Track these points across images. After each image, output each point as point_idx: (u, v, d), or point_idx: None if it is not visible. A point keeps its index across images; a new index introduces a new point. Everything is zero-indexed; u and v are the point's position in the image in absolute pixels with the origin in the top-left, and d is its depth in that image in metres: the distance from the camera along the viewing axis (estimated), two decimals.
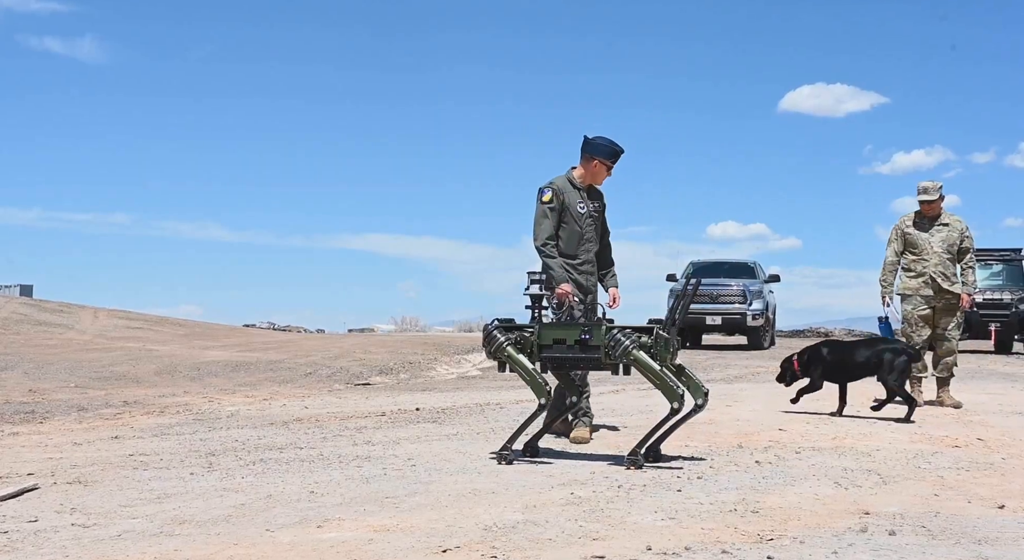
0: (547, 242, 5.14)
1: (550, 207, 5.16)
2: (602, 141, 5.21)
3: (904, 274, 6.79)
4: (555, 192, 5.17)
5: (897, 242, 6.83)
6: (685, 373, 4.32)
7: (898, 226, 6.86)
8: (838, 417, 6.04)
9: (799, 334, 22.73)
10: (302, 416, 6.39)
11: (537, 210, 5.18)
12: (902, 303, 6.80)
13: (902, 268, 6.81)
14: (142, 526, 3.15)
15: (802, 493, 3.62)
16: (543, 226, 5.15)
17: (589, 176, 5.25)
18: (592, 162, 5.21)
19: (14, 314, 17.30)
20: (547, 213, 5.15)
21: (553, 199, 5.16)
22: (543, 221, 5.15)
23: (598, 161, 5.20)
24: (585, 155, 5.24)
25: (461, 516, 3.23)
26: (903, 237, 6.81)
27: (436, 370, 11.04)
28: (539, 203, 5.18)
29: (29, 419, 6.31)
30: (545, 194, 5.17)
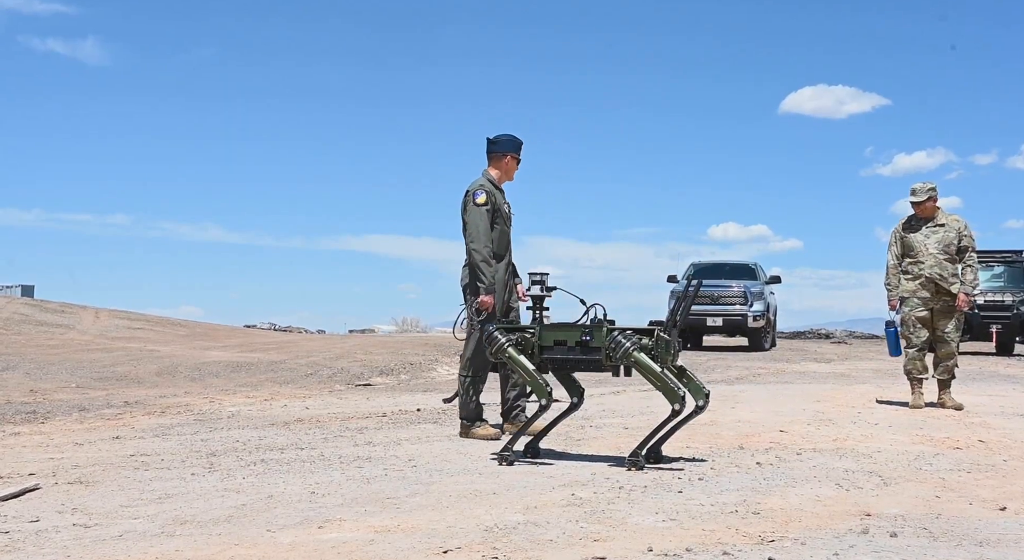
0: (489, 247, 5.09)
1: (486, 209, 5.12)
2: (507, 137, 5.30)
3: (903, 277, 6.80)
4: (489, 194, 5.16)
5: (896, 245, 6.84)
6: (686, 374, 4.32)
7: (895, 229, 6.89)
8: (839, 419, 6.03)
9: (800, 336, 22.73)
10: (303, 417, 6.39)
11: (474, 213, 5.09)
12: (901, 305, 6.80)
13: (902, 271, 6.82)
14: (143, 526, 3.16)
15: (803, 494, 3.61)
16: (481, 230, 5.07)
17: (504, 174, 5.31)
18: (504, 159, 5.29)
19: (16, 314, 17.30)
20: (484, 216, 5.10)
21: (488, 201, 5.14)
22: (481, 224, 5.08)
23: (510, 156, 5.30)
24: (497, 154, 5.29)
25: (462, 517, 3.23)
26: (900, 241, 6.82)
27: (437, 371, 11.04)
28: (474, 206, 5.10)
29: (31, 419, 6.31)
30: (479, 196, 5.11)
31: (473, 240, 5.08)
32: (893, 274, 6.83)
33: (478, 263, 5.06)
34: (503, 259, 5.25)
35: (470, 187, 5.21)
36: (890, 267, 6.84)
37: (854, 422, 5.87)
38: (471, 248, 5.09)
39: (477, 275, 5.06)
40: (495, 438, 5.10)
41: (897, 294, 6.80)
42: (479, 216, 5.09)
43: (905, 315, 6.77)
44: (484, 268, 5.06)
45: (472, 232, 5.10)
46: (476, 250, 5.07)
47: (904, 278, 6.78)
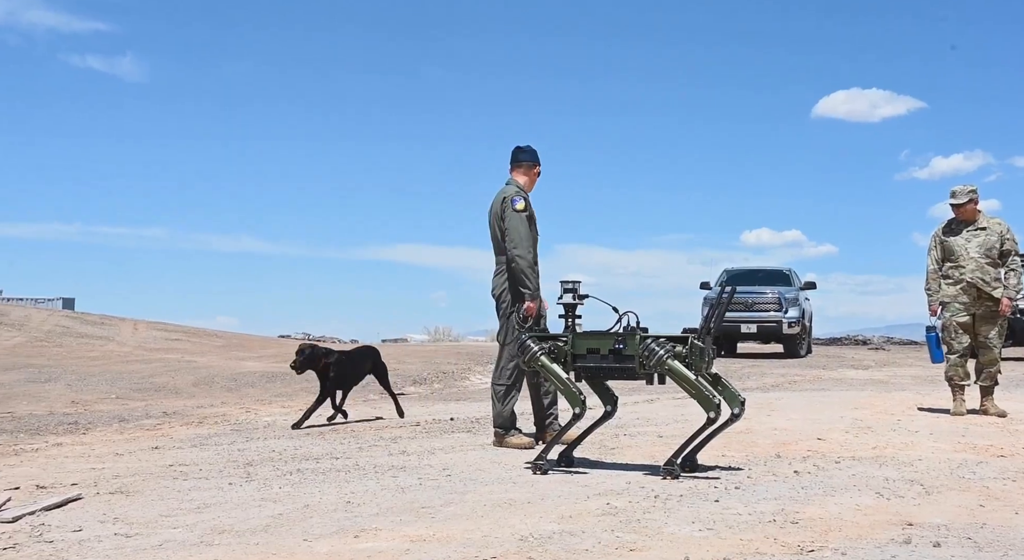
0: (532, 252, 5.13)
1: (528, 215, 5.16)
2: (531, 148, 5.41)
3: (944, 281, 6.69)
4: (527, 200, 5.20)
5: (936, 250, 6.73)
6: (721, 382, 4.28)
7: (935, 234, 6.78)
8: (878, 426, 5.94)
9: (836, 342, 22.44)
10: (337, 426, 6.43)
11: (514, 219, 5.10)
12: (942, 310, 6.69)
13: (943, 276, 6.71)
14: (182, 536, 3.19)
15: (842, 503, 3.56)
16: (523, 237, 5.08)
17: (531, 183, 5.38)
18: (534, 169, 5.38)
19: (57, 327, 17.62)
20: (526, 222, 5.13)
21: (527, 207, 5.18)
22: (523, 230, 5.09)
23: (538, 167, 5.39)
24: (526, 163, 5.37)
25: (497, 526, 3.23)
26: (940, 245, 6.72)
27: (469, 380, 11.05)
28: (514, 212, 5.12)
29: (72, 430, 6.41)
30: (518, 202, 5.14)
31: (516, 246, 5.07)
32: (933, 279, 6.72)
33: (524, 269, 5.06)
34: (536, 264, 5.25)
35: (505, 194, 5.22)
36: (930, 272, 6.74)
37: (894, 430, 5.78)
38: (515, 254, 5.07)
39: (522, 281, 5.06)
40: (529, 447, 5.09)
41: (938, 299, 6.68)
42: (520, 222, 5.09)
43: (946, 320, 6.66)
44: (530, 274, 5.07)
45: (515, 238, 5.08)
46: (521, 256, 5.06)
47: (945, 283, 6.67)
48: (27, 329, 16.95)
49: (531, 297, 5.05)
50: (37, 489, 4.09)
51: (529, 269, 5.07)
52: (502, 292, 5.23)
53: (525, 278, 5.06)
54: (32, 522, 3.41)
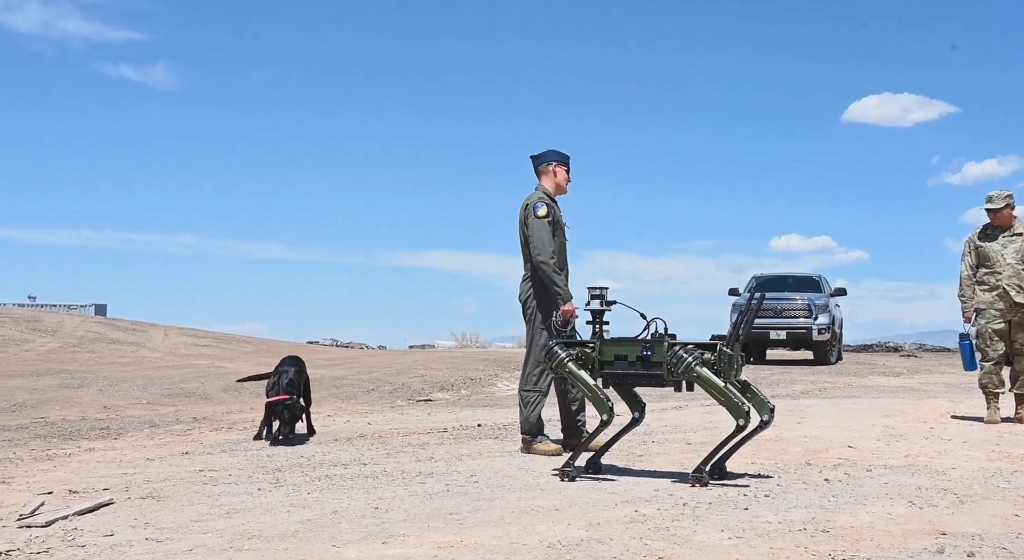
0: (554, 258, 5.11)
1: (549, 221, 5.16)
2: (552, 149, 5.36)
3: (978, 288, 6.59)
4: (549, 206, 5.20)
5: (970, 256, 6.64)
6: (750, 389, 4.25)
7: (970, 239, 6.68)
8: (910, 434, 5.86)
9: (867, 349, 22.18)
10: (365, 432, 6.45)
11: (536, 226, 5.12)
12: (977, 317, 6.59)
13: (977, 282, 6.61)
14: (212, 541, 3.22)
15: (874, 512, 3.52)
16: (546, 241, 5.10)
17: (559, 185, 5.34)
18: (550, 168, 5.32)
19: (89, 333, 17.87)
20: (546, 228, 5.13)
21: (549, 213, 5.18)
22: (544, 236, 5.11)
23: (556, 165, 5.33)
24: (543, 166, 5.34)
25: (525, 533, 3.22)
26: (975, 250, 6.62)
27: (497, 386, 11.06)
28: (535, 219, 5.13)
29: (104, 435, 6.49)
30: (540, 209, 5.15)
31: (540, 252, 5.09)
32: (967, 285, 6.63)
33: (550, 274, 5.08)
34: (563, 270, 5.25)
35: (528, 201, 5.23)
36: (964, 278, 6.64)
37: (926, 438, 5.70)
38: (539, 261, 5.09)
39: (551, 287, 5.08)
40: (556, 454, 5.08)
41: (972, 306, 6.59)
42: (542, 228, 5.11)
43: (981, 327, 6.56)
44: (557, 279, 5.08)
45: (537, 244, 5.10)
46: (544, 262, 5.08)
47: (979, 289, 6.58)
48: (60, 335, 17.21)
49: (564, 300, 5.06)
50: (70, 494, 4.15)
51: (555, 274, 5.08)
52: (528, 298, 5.24)
53: (554, 282, 5.07)
54: (65, 526, 3.46)
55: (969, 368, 6.76)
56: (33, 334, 17.03)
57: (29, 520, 3.52)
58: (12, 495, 4.13)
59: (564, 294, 5.07)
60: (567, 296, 5.07)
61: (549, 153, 5.37)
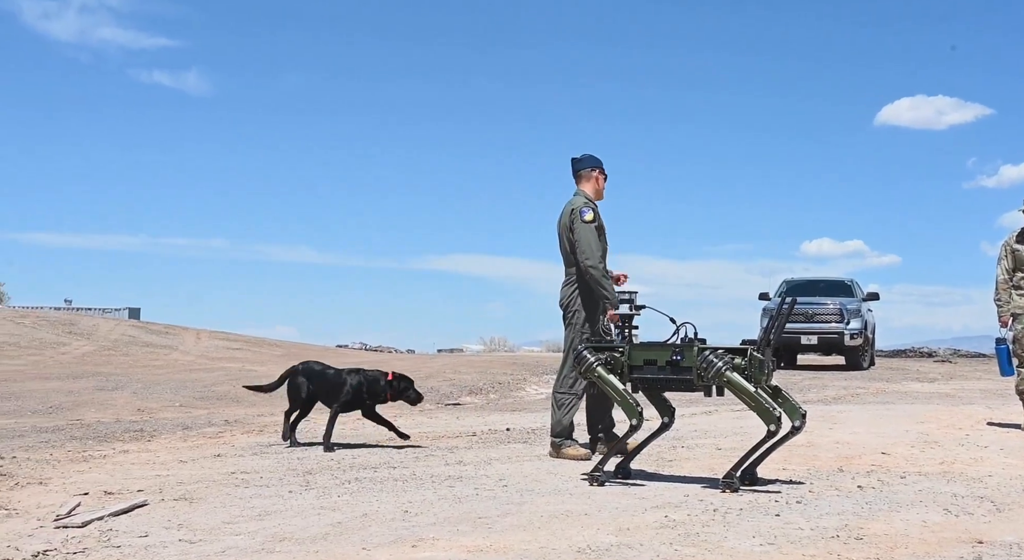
0: (604, 263, 5.15)
1: (596, 225, 5.19)
2: (586, 155, 5.38)
3: (1015, 292, 6.48)
4: (595, 211, 5.23)
5: (1007, 259, 6.54)
6: (781, 394, 4.21)
7: (1006, 243, 6.58)
8: (945, 441, 5.78)
9: (900, 354, 21.90)
10: (394, 436, 6.48)
11: (583, 230, 5.13)
12: (1014, 322, 6.48)
13: (1013, 286, 6.50)
14: (244, 543, 3.25)
15: (909, 520, 3.47)
16: (592, 246, 5.12)
17: (598, 191, 5.37)
18: (593, 174, 5.35)
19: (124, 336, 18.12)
20: (594, 232, 5.16)
21: (596, 218, 5.21)
22: (592, 241, 5.13)
23: (598, 171, 5.36)
24: (585, 171, 5.36)
25: (554, 538, 3.22)
26: (1012, 254, 6.52)
27: (525, 390, 11.05)
28: (582, 223, 5.15)
29: (138, 437, 6.58)
30: (587, 213, 5.18)
31: (588, 257, 5.10)
32: (1004, 289, 6.52)
33: (598, 279, 5.10)
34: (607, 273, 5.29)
35: (573, 206, 5.25)
36: (1000, 282, 6.54)
37: (962, 444, 5.61)
38: (587, 265, 5.10)
39: (598, 291, 5.10)
40: (585, 458, 5.06)
41: (1009, 310, 6.48)
42: (589, 232, 5.13)
43: (1018, 332, 6.45)
44: (605, 283, 5.11)
45: (585, 249, 5.11)
46: (593, 267, 5.10)
47: (1016, 293, 6.47)
48: (95, 338, 17.47)
49: (612, 305, 5.10)
50: (105, 495, 4.21)
51: (604, 278, 5.11)
52: (570, 302, 5.25)
53: (602, 287, 5.10)
54: (100, 527, 3.51)
55: (1006, 374, 6.65)
56: (69, 337, 17.30)
57: (66, 520, 3.58)
58: (49, 496, 4.19)
59: (612, 299, 5.10)
60: (615, 300, 5.10)
61: (589, 159, 5.40)
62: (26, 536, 3.38)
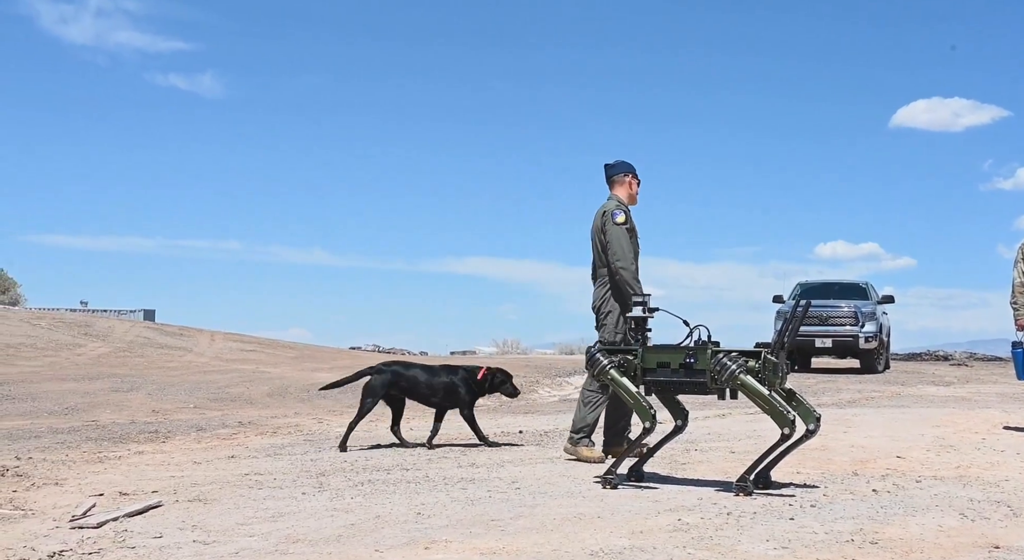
0: (634, 264, 5.19)
1: (628, 228, 5.23)
2: (620, 161, 5.43)
3: None
4: (627, 214, 5.28)
5: (1023, 263, 6.49)
6: (795, 397, 4.19)
7: (1022, 246, 6.53)
8: (961, 445, 5.73)
9: (915, 357, 21.76)
10: (407, 437, 6.48)
11: (615, 232, 5.17)
12: None
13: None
14: (258, 544, 3.26)
15: (925, 524, 3.45)
16: (625, 248, 5.16)
17: (632, 196, 5.42)
18: (627, 179, 5.40)
19: (139, 337, 18.22)
20: (626, 235, 5.19)
21: (627, 220, 5.25)
22: (624, 242, 5.17)
23: (631, 176, 5.40)
24: (618, 176, 5.41)
25: (567, 540, 3.21)
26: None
27: (538, 393, 11.04)
28: (614, 226, 5.19)
29: (153, 438, 6.61)
30: (619, 216, 5.22)
31: (620, 259, 5.14)
32: (1020, 292, 6.48)
33: (629, 280, 5.14)
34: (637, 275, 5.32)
35: (605, 208, 5.30)
36: (1016, 285, 6.50)
37: (978, 448, 5.57)
38: (618, 267, 5.15)
39: (627, 292, 5.12)
40: (599, 461, 5.05)
41: (1022, 315, 6.43)
42: (622, 235, 5.18)
43: None
44: (636, 285, 5.14)
45: (617, 251, 5.16)
46: (624, 268, 5.14)
47: None
48: (111, 340, 17.58)
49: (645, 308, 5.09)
50: (120, 495, 4.23)
51: (634, 280, 5.15)
52: (602, 304, 5.27)
53: (632, 288, 5.13)
54: (115, 528, 3.53)
55: (1022, 377, 6.60)
56: (85, 339, 17.42)
57: (81, 521, 3.60)
58: (65, 496, 4.22)
59: (643, 299, 5.09)
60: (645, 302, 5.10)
61: (623, 164, 5.44)
62: (42, 536, 3.40)
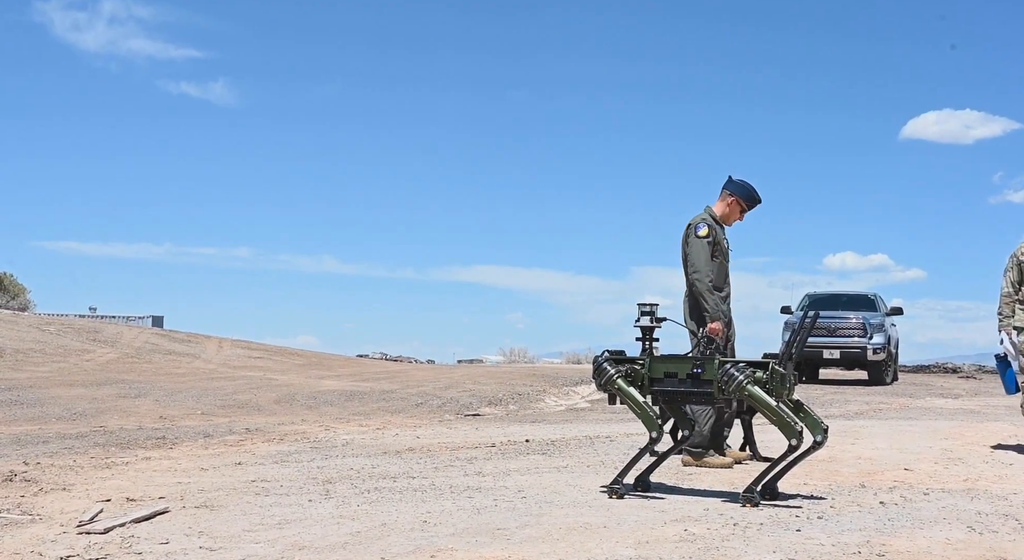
0: (711, 278, 5.27)
1: (708, 241, 5.31)
2: (744, 183, 5.43)
3: (1019, 307, 6.27)
4: (710, 227, 5.35)
5: (1013, 272, 6.25)
6: (803, 409, 4.18)
7: (1014, 254, 6.31)
8: (969, 458, 5.70)
9: (924, 369, 21.67)
10: (414, 446, 6.49)
11: (695, 244, 5.31)
12: (1019, 336, 6.28)
13: (1018, 300, 6.30)
14: (264, 551, 3.26)
15: (932, 537, 3.43)
16: (702, 260, 5.27)
17: (727, 214, 5.45)
18: (730, 199, 5.42)
19: (147, 344, 18.29)
20: (705, 248, 5.28)
21: (710, 234, 5.33)
22: (702, 255, 5.27)
23: (736, 200, 5.42)
24: (726, 192, 5.46)
25: (573, 550, 3.21)
26: (1019, 266, 6.32)
27: (545, 402, 11.04)
28: (695, 238, 5.31)
29: (160, 444, 6.63)
30: (701, 229, 5.33)
31: (696, 270, 5.27)
32: (1007, 303, 6.24)
33: (702, 292, 5.24)
34: (722, 291, 5.39)
35: (692, 221, 5.41)
36: (1004, 295, 6.25)
37: (986, 462, 5.54)
38: (694, 278, 5.27)
39: (701, 304, 5.23)
40: (729, 466, 5.18)
41: (1010, 325, 6.26)
42: (700, 247, 5.30)
43: (1023, 346, 6.25)
44: (708, 297, 5.24)
45: (694, 262, 5.28)
46: (699, 280, 5.26)
47: (1020, 308, 6.25)
48: (119, 346, 17.64)
49: (712, 318, 5.21)
50: (127, 501, 4.24)
51: (707, 292, 5.24)
52: (686, 316, 5.38)
53: (703, 299, 5.23)
54: (122, 534, 3.54)
55: (1011, 392, 6.31)
56: (93, 344, 17.48)
57: (88, 526, 3.61)
58: (72, 502, 4.24)
59: (713, 312, 5.22)
60: (715, 314, 5.21)
61: (739, 187, 5.46)
62: (49, 541, 3.42)
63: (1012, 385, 6.29)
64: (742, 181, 5.45)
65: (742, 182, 5.45)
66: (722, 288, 5.37)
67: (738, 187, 5.43)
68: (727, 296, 5.40)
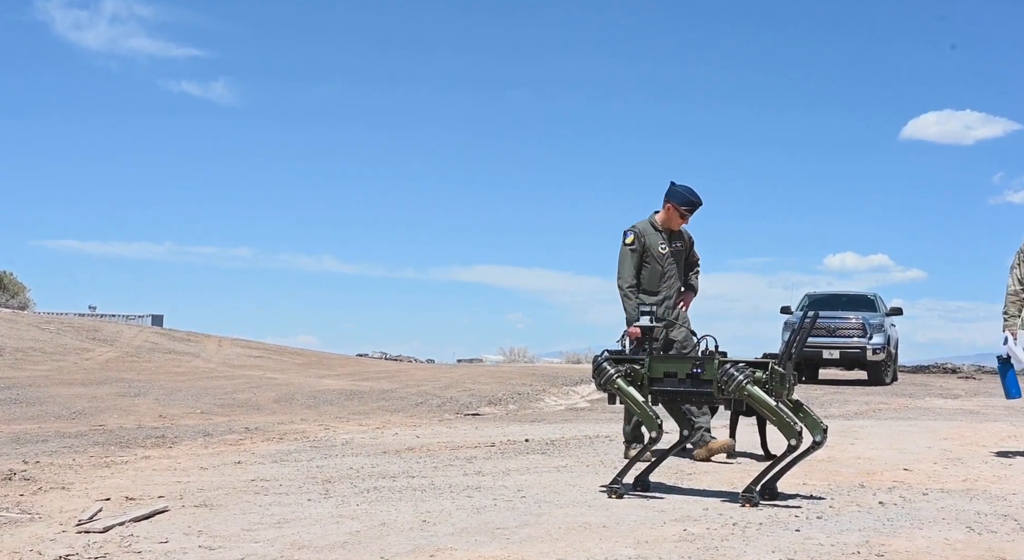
0: (629, 283, 5.58)
1: (632, 249, 5.62)
2: (681, 189, 5.62)
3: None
4: (636, 235, 5.64)
5: (1020, 268, 6.09)
6: (803, 409, 4.18)
7: (1021, 251, 6.24)
8: (969, 458, 5.71)
9: (923, 370, 21.68)
10: (413, 445, 6.49)
11: (620, 252, 5.65)
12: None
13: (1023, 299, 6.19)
14: (263, 550, 3.26)
15: (931, 537, 3.43)
16: (624, 266, 5.62)
17: (666, 220, 5.68)
18: (668, 206, 5.64)
19: (147, 343, 18.29)
20: (628, 254, 5.60)
21: (635, 241, 5.62)
22: (625, 262, 5.62)
23: (672, 206, 5.62)
24: (665, 199, 5.67)
25: (572, 550, 3.21)
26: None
27: (544, 401, 11.04)
28: (622, 245, 5.64)
29: (160, 443, 6.63)
30: (627, 237, 5.65)
31: (618, 276, 5.62)
32: (1012, 302, 6.07)
33: (621, 297, 5.58)
34: (657, 295, 5.62)
35: (626, 229, 5.71)
36: (1010, 293, 6.08)
37: (985, 462, 5.55)
38: (617, 284, 5.62)
39: (622, 306, 5.56)
40: (726, 448, 5.50)
41: (1014, 325, 6.17)
42: (624, 254, 5.64)
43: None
44: (625, 302, 5.57)
45: (617, 268, 5.64)
46: (619, 286, 5.61)
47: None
48: (119, 345, 17.64)
49: (628, 322, 5.47)
50: (126, 500, 4.24)
51: (624, 298, 5.57)
52: None
53: (622, 303, 5.57)
54: (121, 533, 3.54)
55: (1011, 396, 6.08)
56: (93, 343, 17.48)
57: (87, 525, 3.61)
58: (71, 501, 4.24)
59: (630, 318, 5.47)
60: (631, 320, 5.42)
61: (673, 194, 5.61)
62: (48, 540, 3.42)
63: (1013, 389, 6.07)
64: (678, 186, 5.61)
65: (678, 187, 5.61)
66: (657, 292, 5.61)
67: (672, 194, 5.61)
68: (664, 299, 5.61)
